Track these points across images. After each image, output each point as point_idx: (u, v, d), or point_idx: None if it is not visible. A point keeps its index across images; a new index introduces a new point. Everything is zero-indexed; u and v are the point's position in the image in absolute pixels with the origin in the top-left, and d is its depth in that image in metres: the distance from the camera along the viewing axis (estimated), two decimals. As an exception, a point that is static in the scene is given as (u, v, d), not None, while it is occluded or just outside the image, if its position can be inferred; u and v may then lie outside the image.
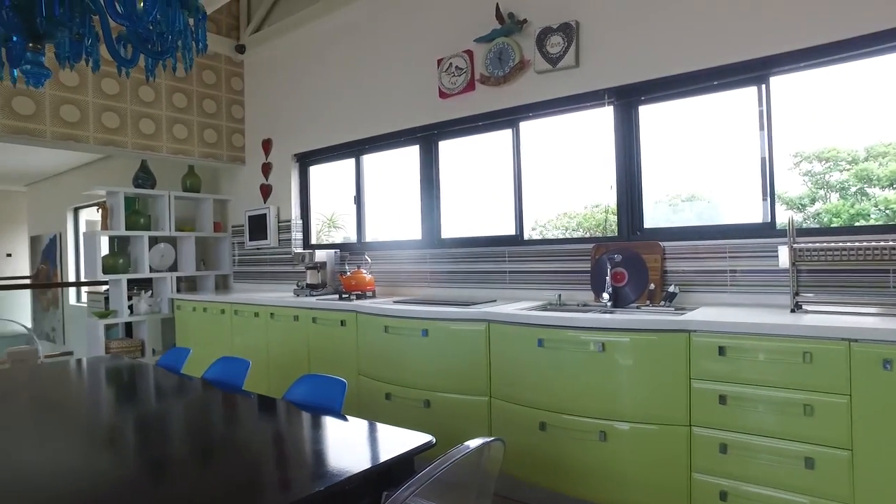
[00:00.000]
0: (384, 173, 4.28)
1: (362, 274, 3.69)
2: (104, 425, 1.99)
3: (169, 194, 4.94)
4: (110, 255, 4.73)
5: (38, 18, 1.79)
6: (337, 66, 4.37)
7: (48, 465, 1.55)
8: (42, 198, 9.45)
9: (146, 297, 4.90)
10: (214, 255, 5.43)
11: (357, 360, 3.31)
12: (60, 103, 4.13)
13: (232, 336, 4.20)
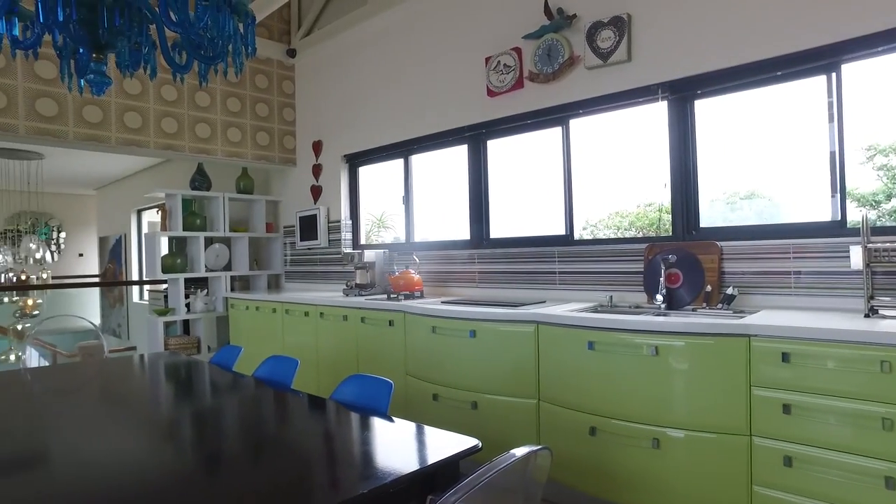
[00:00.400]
0: (432, 173, 4.27)
1: (410, 274, 3.70)
2: (163, 419, 2.06)
3: (223, 196, 5.09)
4: (169, 255, 4.91)
5: (101, 30, 1.86)
6: (385, 67, 4.39)
7: (113, 455, 1.63)
8: (109, 201, 9.93)
9: (202, 295, 5.06)
10: (267, 255, 5.56)
11: (405, 360, 3.31)
12: (125, 111, 4.31)
13: (283, 335, 4.29)
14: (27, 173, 7.79)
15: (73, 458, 1.61)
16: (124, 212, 9.09)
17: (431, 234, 4.26)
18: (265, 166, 5.19)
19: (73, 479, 1.48)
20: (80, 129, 4.12)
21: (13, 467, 1.54)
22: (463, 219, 3.90)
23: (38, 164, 7.55)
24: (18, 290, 6.80)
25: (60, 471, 1.53)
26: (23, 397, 2.34)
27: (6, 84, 3.84)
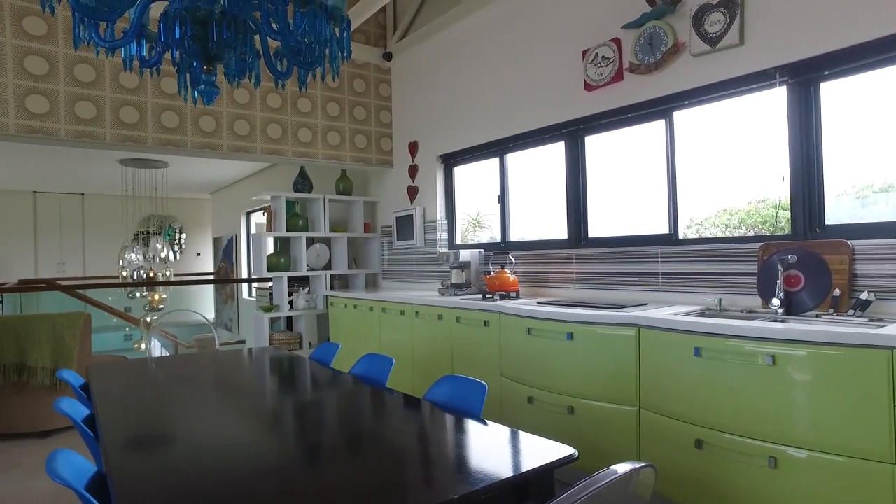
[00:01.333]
0: (528, 171, 4.20)
1: (506, 274, 3.65)
2: (267, 409, 2.16)
3: (324, 197, 5.29)
4: (274, 254, 5.17)
5: (211, 43, 1.97)
6: (480, 66, 4.37)
7: (223, 439, 1.75)
8: (222, 204, 10.67)
9: (304, 293, 5.29)
10: (365, 255, 5.72)
11: (500, 361, 3.27)
12: (235, 119, 4.59)
13: (379, 333, 4.38)
14: (154, 180, 8.53)
15: (189, 439, 1.77)
16: (235, 214, 9.72)
17: (527, 233, 4.19)
18: (363, 168, 5.34)
19: (189, 458, 1.61)
20: (197, 137, 4.44)
21: (141, 443, 1.71)
22: (560, 218, 3.79)
23: (163, 172, 8.24)
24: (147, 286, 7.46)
25: (179, 449, 1.69)
26: (150, 383, 2.54)
27: (138, 101, 4.21)
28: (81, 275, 10.79)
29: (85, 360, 4.16)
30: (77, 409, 2.04)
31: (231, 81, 2.23)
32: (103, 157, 7.27)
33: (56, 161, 7.79)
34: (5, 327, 3.95)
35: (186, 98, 2.26)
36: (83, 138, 4.04)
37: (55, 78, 3.96)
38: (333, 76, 2.16)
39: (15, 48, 3.84)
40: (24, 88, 3.87)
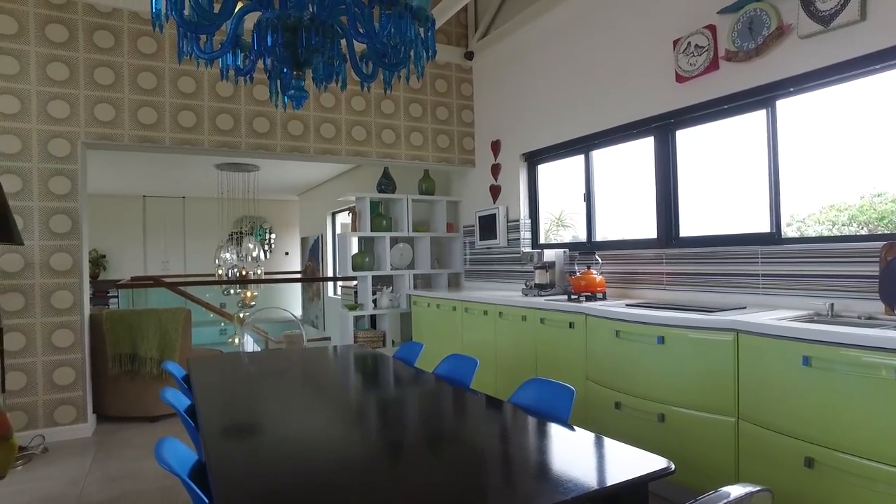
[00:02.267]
0: (615, 168, 4.05)
1: (592, 275, 3.54)
2: (351, 405, 2.20)
3: (407, 198, 5.36)
4: (358, 254, 5.30)
5: (300, 49, 2.03)
6: (563, 62, 4.27)
7: (309, 431, 1.81)
8: (309, 205, 11.08)
9: (387, 292, 5.38)
10: (447, 254, 5.74)
11: (585, 364, 3.17)
12: (321, 122, 4.74)
13: (462, 333, 4.38)
14: (247, 183, 8.99)
15: (279, 431, 1.84)
16: (321, 214, 10.07)
17: (614, 232, 4.05)
18: (445, 168, 5.36)
19: (278, 449, 1.66)
20: (286, 141, 4.62)
21: (236, 433, 1.80)
22: (648, 216, 3.63)
23: (254, 176, 8.66)
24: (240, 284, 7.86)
25: (269, 440, 1.75)
26: (243, 376, 2.66)
27: (233, 108, 4.44)
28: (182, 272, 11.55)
29: (186, 352, 4.44)
30: (180, 399, 2.16)
31: (318, 86, 2.28)
32: (201, 163, 7.74)
33: (161, 168, 8.39)
34: (121, 321, 4.28)
35: (277, 104, 2.35)
36: (185, 145, 4.30)
37: (162, 91, 4.24)
38: (418, 76, 2.16)
39: (130, 66, 4.15)
40: (137, 102, 4.17)
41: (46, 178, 3.96)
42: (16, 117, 3.89)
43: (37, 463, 3.55)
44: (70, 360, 4.00)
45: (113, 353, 4.24)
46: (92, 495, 3.05)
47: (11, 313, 3.87)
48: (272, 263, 12.16)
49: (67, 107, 4.01)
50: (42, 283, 3.95)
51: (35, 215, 3.93)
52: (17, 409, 3.88)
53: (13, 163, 3.88)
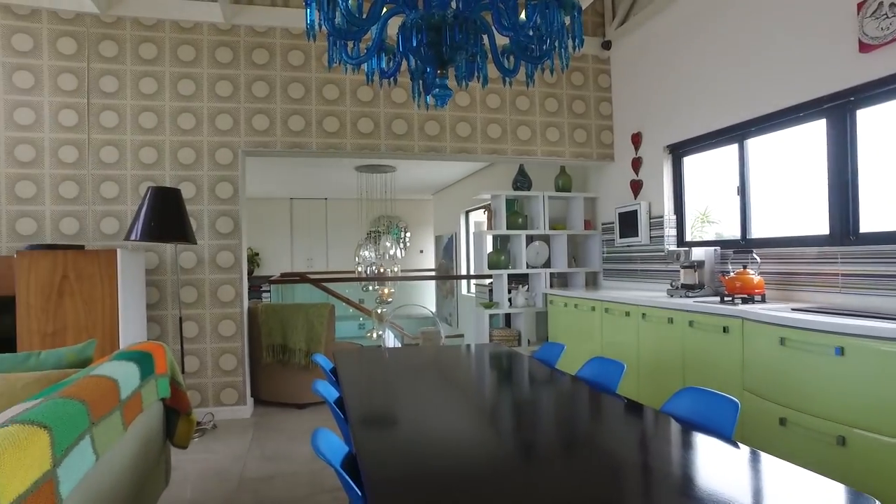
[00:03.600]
0: (772, 158, 3.66)
1: (749, 275, 3.22)
2: (491, 404, 2.18)
3: (543, 195, 5.25)
4: (494, 251, 5.28)
5: (444, 47, 2.03)
6: (711, 43, 3.92)
7: (447, 430, 1.80)
8: (443, 204, 11.31)
9: (523, 291, 5.31)
10: (584, 253, 5.55)
11: (741, 373, 2.88)
12: (457, 122, 4.79)
13: (601, 334, 4.20)
14: (384, 184, 9.36)
15: (418, 424, 1.90)
16: (455, 213, 10.23)
17: (770, 228, 3.65)
18: (583, 163, 5.18)
19: (418, 440, 1.71)
20: (423, 142, 4.72)
21: (381, 425, 1.85)
22: (818, 210, 3.23)
23: (391, 176, 9.01)
24: (378, 281, 8.21)
25: (409, 432, 1.79)
26: (385, 370, 2.74)
27: (373, 112, 4.62)
28: (325, 269, 12.33)
29: (330, 345, 4.70)
30: (330, 391, 2.26)
31: (460, 83, 2.28)
32: (343, 166, 8.19)
33: (307, 172, 9.00)
34: (274, 314, 4.64)
35: (419, 104, 2.38)
36: (329, 149, 4.55)
37: (309, 99, 4.52)
38: (563, 67, 2.08)
39: (282, 78, 4.47)
40: (287, 111, 4.49)
41: (214, 184, 4.38)
42: (191, 132, 4.34)
43: (208, 437, 3.95)
44: (232, 348, 4.40)
45: (266, 344, 4.60)
46: (252, 471, 3.32)
47: (187, 304, 4.33)
48: (407, 261, 12.59)
49: (231, 119, 4.40)
50: (210, 279, 4.38)
51: (205, 218, 4.36)
52: (193, 388, 4.33)
53: (189, 172, 4.34)
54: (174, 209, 3.84)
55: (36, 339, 3.42)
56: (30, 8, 4.13)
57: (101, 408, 1.64)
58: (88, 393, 1.60)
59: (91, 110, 4.22)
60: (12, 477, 1.11)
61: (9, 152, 4.11)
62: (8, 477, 1.09)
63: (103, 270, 3.51)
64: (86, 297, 3.48)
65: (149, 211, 3.73)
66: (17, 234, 4.12)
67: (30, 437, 1.23)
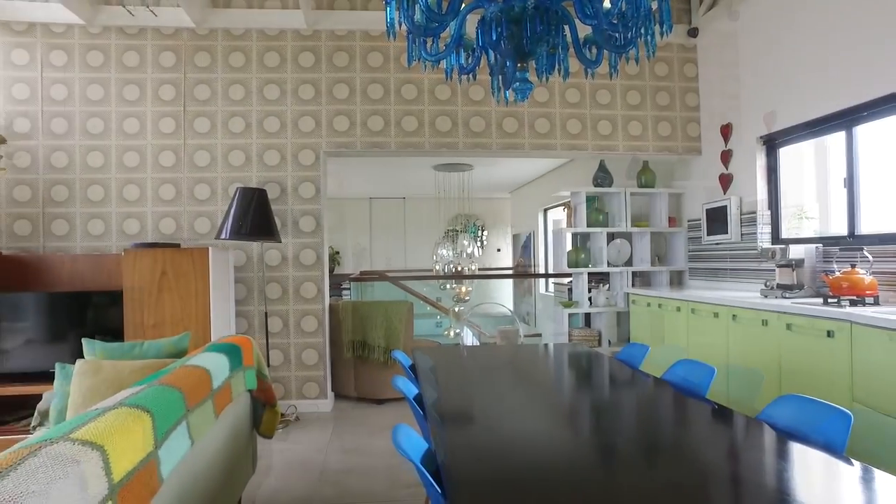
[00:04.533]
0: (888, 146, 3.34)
1: (858, 275, 2.96)
2: (567, 405, 2.13)
3: (625, 191, 5.07)
4: (574, 249, 5.16)
5: (524, 40, 1.99)
6: (816, 23, 3.63)
7: (525, 432, 1.76)
8: (520, 202, 11.20)
9: (604, 290, 5.15)
10: (668, 251, 5.32)
11: (850, 381, 2.65)
12: (536, 118, 4.71)
13: (687, 336, 4.00)
14: (461, 182, 9.39)
15: (491, 421, 1.87)
16: (533, 211, 10.10)
17: (887, 224, 3.33)
18: (667, 158, 4.96)
19: (496, 439, 1.67)
20: (501, 139, 4.68)
21: (457, 421, 1.85)
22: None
23: (469, 175, 9.01)
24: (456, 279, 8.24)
25: (487, 430, 1.75)
26: (463, 368, 2.73)
27: (450, 111, 4.63)
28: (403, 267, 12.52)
29: (409, 343, 4.75)
30: (409, 387, 2.27)
31: (541, 77, 2.23)
32: (421, 165, 8.28)
33: (386, 172, 9.17)
34: (354, 311, 4.75)
35: (499, 99, 2.34)
36: (408, 148, 4.60)
37: (388, 100, 4.59)
38: (648, 55, 1.98)
39: (361, 80, 4.57)
40: (367, 112, 4.58)
41: (297, 185, 4.54)
42: (276, 134, 4.52)
43: (292, 429, 4.09)
44: (314, 343, 4.54)
45: (347, 340, 4.72)
46: (333, 463, 3.41)
47: (272, 300, 4.52)
48: (484, 260, 12.57)
49: (313, 121, 4.54)
50: (294, 276, 4.54)
51: (289, 217, 4.53)
52: (277, 381, 4.51)
53: (274, 173, 4.52)
54: (260, 209, 4.00)
55: (139, 331, 3.67)
56: (138, 27, 4.44)
57: (196, 396, 1.73)
58: (184, 382, 1.69)
59: (186, 117, 4.48)
60: (122, 456, 1.18)
61: (119, 159, 4.44)
62: (119, 454, 1.16)
63: (196, 268, 3.71)
64: (181, 292, 3.70)
65: (237, 211, 3.91)
66: (124, 233, 4.44)
67: (136, 419, 1.31)
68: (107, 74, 4.45)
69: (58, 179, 4.40)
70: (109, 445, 1.13)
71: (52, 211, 4.40)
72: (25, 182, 4.39)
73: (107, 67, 4.45)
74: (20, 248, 4.36)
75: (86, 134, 4.43)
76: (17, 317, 3.89)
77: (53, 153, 4.40)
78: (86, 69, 4.44)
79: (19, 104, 4.40)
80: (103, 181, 4.43)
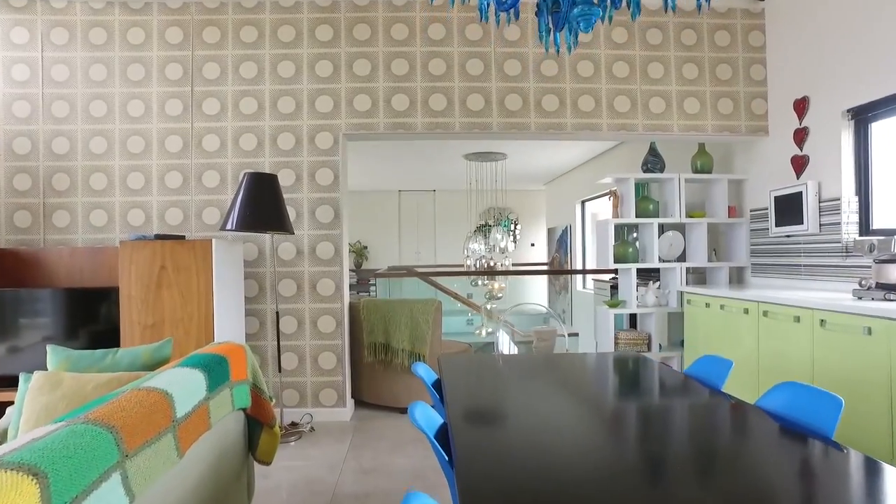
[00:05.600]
0: None
1: None
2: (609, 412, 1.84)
3: (679, 177, 4.51)
4: (621, 243, 4.62)
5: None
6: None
7: (564, 443, 1.57)
8: (556, 194, 10.62)
9: (654, 288, 4.61)
10: (727, 244, 4.73)
11: None
12: (579, 95, 4.19)
13: (757, 343, 3.44)
14: (494, 172, 8.87)
15: (522, 422, 1.76)
16: (570, 203, 9.52)
17: None
18: (728, 139, 4.37)
19: (521, 439, 1.58)
20: (540, 118, 4.17)
21: (480, 420, 1.75)
22: None
23: (502, 165, 8.50)
24: (488, 275, 7.75)
25: (512, 430, 1.66)
26: (497, 384, 2.26)
27: (483, 88, 4.14)
28: (432, 262, 12.08)
29: (436, 346, 4.29)
30: (428, 417, 1.81)
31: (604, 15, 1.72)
32: (451, 154, 7.80)
33: (414, 162, 8.72)
34: (376, 310, 4.31)
35: (548, 46, 1.85)
36: (436, 129, 4.13)
37: (413, 76, 4.13)
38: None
39: (384, 55, 4.12)
40: (390, 90, 4.13)
41: (314, 171, 4.12)
42: (291, 116, 4.11)
43: (306, 441, 3.68)
44: (332, 345, 4.12)
45: (368, 342, 4.28)
46: (347, 485, 2.98)
47: (286, 298, 4.11)
48: (517, 255, 12.04)
49: (331, 101, 4.11)
50: (310, 271, 4.12)
51: (305, 206, 4.11)
52: (290, 387, 4.11)
53: (289, 158, 4.11)
54: (270, 196, 3.59)
55: (137, 331, 3.30)
56: (143, 1, 4.08)
57: (143, 433, 1.30)
58: (125, 415, 1.26)
59: (194, 98, 4.10)
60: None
61: (122, 145, 4.09)
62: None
63: (199, 262, 3.32)
64: (182, 288, 3.31)
65: (244, 198, 3.51)
66: (128, 224, 4.09)
67: (14, 492, 0.88)
68: (110, 53, 4.10)
69: (59, 167, 4.07)
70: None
71: (52, 201, 4.08)
72: (25, 170, 4.07)
73: (110, 45, 4.10)
74: (20, 241, 4.05)
75: (88, 117, 4.08)
76: (6, 317, 3.57)
77: (55, 139, 4.07)
78: (88, 47, 4.09)
79: (19, 86, 4.08)
80: (106, 168, 4.08)
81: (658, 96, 4.24)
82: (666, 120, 4.25)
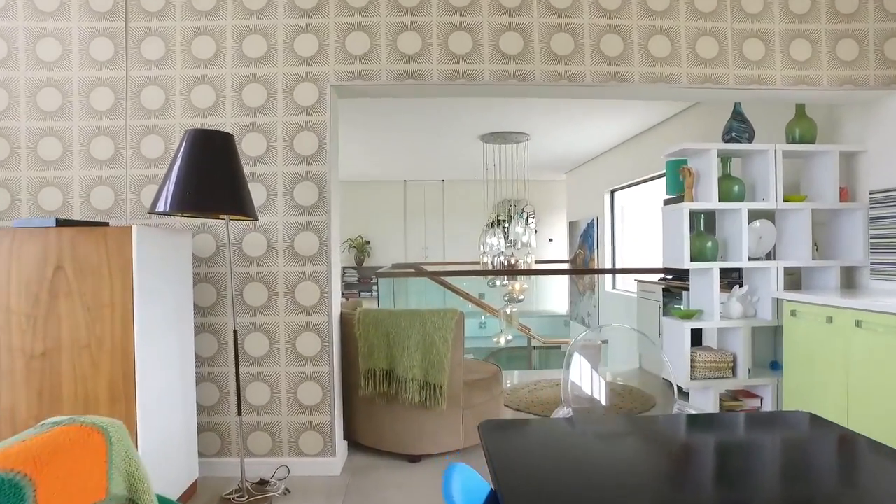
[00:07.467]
0: None
1: None
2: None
3: (774, 148, 3.42)
4: (696, 235, 3.53)
5: None
6: None
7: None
8: (579, 183, 9.51)
9: (739, 294, 3.52)
10: (833, 237, 3.63)
11: None
12: (650, 35, 3.10)
13: (892, 370, 2.36)
14: (511, 159, 7.79)
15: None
16: (596, 193, 8.44)
17: None
18: (848, 94, 3.26)
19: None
20: (598, 66, 3.08)
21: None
22: None
23: (523, 148, 7.41)
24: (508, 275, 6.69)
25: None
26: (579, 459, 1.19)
27: (521, 23, 3.05)
28: (442, 259, 11.01)
29: (457, 372, 3.22)
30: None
31: None
32: (466, 133, 6.73)
33: (423, 146, 7.63)
34: (376, 324, 3.22)
35: None
36: (458, 79, 3.05)
37: (428, 7, 3.05)
38: None
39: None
40: (397, 26, 3.04)
41: (291, 136, 3.04)
42: (261, 61, 3.03)
43: (275, 515, 2.62)
44: (316, 373, 3.05)
45: (365, 368, 3.20)
46: None
47: (253, 309, 3.04)
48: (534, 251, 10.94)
49: (315, 41, 3.03)
50: (285, 272, 3.05)
51: (279, 183, 3.04)
52: (260, 429, 3.04)
53: (257, 118, 3.03)
54: (223, 164, 2.51)
55: (19, 364, 2.23)
56: (66, -89, 3.01)
57: None
58: None
59: (130, 38, 3.02)
60: None
61: (30, 100, 3.02)
62: None
63: (112, 259, 2.25)
64: (88, 299, 2.24)
65: (184, 167, 2.42)
66: (40, 208, 3.03)
67: None
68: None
69: (-53, 130, 3.01)
70: None
71: (-60, 176, 3.02)
72: None
73: (17, -34, 3.02)
74: None
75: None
76: None
77: (-56, 93, 3.01)
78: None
79: None
80: (7, 131, 3.02)
81: (755, 37, 3.15)
82: (765, 69, 3.15)
